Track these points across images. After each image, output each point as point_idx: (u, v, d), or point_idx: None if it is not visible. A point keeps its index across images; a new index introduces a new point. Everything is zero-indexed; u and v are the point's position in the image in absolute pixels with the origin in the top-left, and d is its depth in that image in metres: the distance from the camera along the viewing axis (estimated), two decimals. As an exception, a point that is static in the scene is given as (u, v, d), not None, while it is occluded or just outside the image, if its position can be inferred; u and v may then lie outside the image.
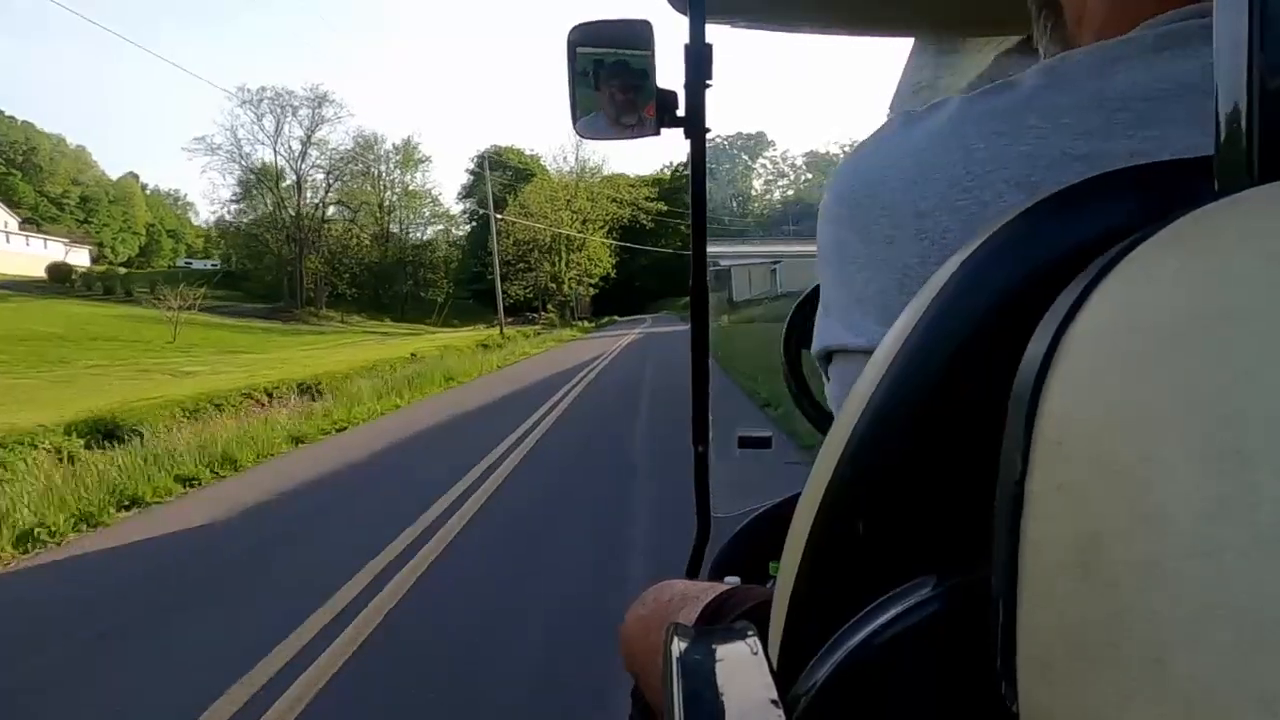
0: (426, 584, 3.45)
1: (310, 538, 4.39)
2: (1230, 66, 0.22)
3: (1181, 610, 0.17)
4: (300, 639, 2.89)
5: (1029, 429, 0.22)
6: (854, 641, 0.30)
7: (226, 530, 4.61)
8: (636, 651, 0.70)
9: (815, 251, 0.44)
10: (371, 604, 3.21)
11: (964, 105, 0.37)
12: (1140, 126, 0.32)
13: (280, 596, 3.39)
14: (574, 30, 0.95)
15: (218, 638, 2.98)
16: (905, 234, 0.37)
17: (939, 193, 0.36)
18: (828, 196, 0.43)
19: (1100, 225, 0.27)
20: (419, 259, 52.94)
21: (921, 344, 0.30)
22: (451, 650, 2.77)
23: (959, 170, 0.36)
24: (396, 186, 53.15)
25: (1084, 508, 0.20)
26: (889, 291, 0.39)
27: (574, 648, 2.71)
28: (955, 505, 0.29)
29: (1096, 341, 0.22)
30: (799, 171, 60.15)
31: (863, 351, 0.39)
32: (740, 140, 56.26)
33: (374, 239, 51.47)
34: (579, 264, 50.39)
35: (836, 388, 0.44)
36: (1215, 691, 0.16)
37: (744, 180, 58.20)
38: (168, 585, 3.65)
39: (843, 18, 1.02)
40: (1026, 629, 0.22)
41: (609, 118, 0.95)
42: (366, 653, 2.77)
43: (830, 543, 0.32)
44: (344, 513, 4.97)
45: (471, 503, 4.87)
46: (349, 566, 3.63)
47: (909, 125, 0.39)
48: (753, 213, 57.78)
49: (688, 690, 0.32)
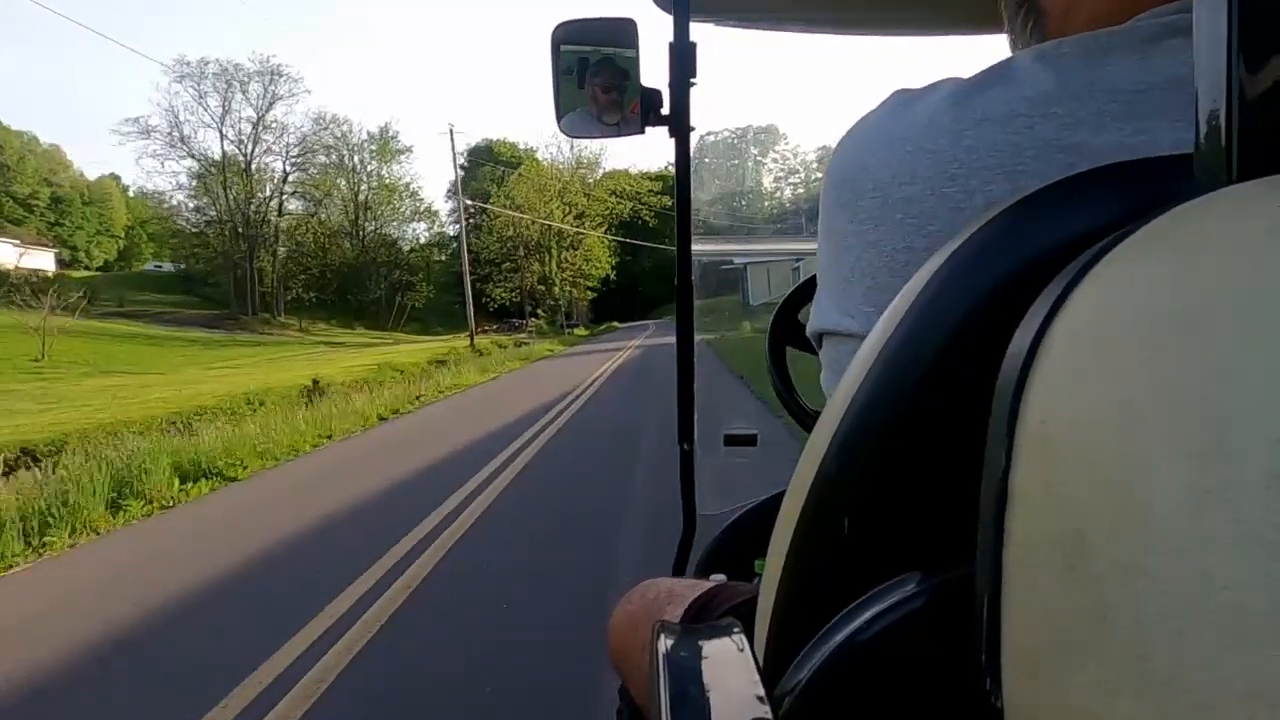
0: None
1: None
2: (1210, 64, 0.24)
3: (1164, 606, 0.18)
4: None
5: (1012, 426, 0.24)
6: (840, 638, 0.33)
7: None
8: (624, 649, 0.77)
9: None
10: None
11: (957, 90, 0.40)
12: (1129, 119, 0.35)
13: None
14: (558, 28, 1.05)
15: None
16: (891, 216, 0.40)
17: (926, 178, 0.39)
18: (827, 170, 0.46)
19: (1082, 223, 0.30)
20: (395, 259, 51.25)
21: (905, 342, 0.33)
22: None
23: (947, 156, 0.38)
24: (372, 179, 51.34)
25: (1067, 504, 0.21)
26: (878, 272, 0.41)
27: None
28: (939, 502, 0.32)
29: (1078, 339, 0.23)
30: (809, 169, 60.37)
31: (852, 335, 0.42)
32: (751, 134, 56.49)
33: (340, 235, 49.82)
34: (572, 264, 49.44)
35: (829, 373, 0.48)
36: (1198, 686, 0.17)
37: (754, 175, 58.42)
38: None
39: (827, 17, 1.13)
40: (1011, 625, 0.24)
41: (593, 116, 1.06)
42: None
43: (816, 539, 0.36)
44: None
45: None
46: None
47: (904, 106, 0.42)
48: (764, 210, 58.02)
49: (675, 687, 0.35)
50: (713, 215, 50.13)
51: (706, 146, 55.21)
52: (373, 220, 51.37)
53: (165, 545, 4.90)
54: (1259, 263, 0.19)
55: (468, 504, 5.17)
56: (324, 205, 49.67)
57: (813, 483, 0.36)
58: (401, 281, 50.65)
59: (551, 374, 16.42)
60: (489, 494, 5.42)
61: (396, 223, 53.24)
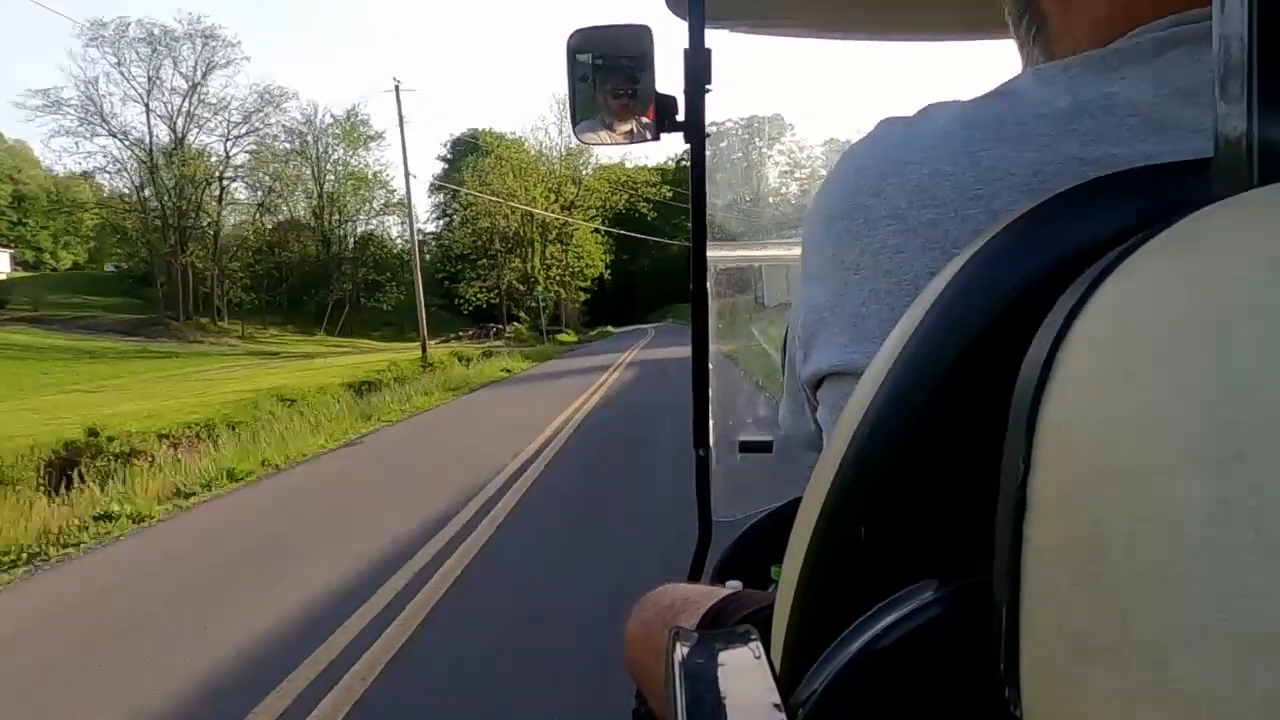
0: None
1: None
2: (1230, 69, 0.26)
3: (1184, 613, 0.19)
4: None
5: (1030, 432, 0.26)
6: (856, 645, 0.35)
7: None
8: (639, 655, 0.82)
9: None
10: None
11: (964, 112, 0.44)
12: (1151, 132, 0.39)
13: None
14: (573, 35, 1.16)
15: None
16: (912, 242, 0.43)
17: (948, 201, 0.42)
18: (820, 205, 0.49)
19: (1101, 228, 0.32)
20: (362, 256, 49.29)
21: (923, 348, 0.35)
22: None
23: (968, 178, 0.41)
24: (339, 167, 49.19)
25: (1086, 511, 0.23)
26: (896, 300, 0.43)
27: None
28: (957, 508, 0.34)
29: (1097, 345, 0.25)
30: (814, 163, 60.41)
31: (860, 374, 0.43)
32: (755, 125, 56.49)
33: (299, 229, 47.66)
34: (559, 260, 47.85)
35: (828, 412, 0.50)
36: (1218, 695, 0.18)
37: (758, 171, 58.48)
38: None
39: (841, 22, 1.25)
40: (1029, 632, 0.26)
41: (608, 122, 1.17)
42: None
43: (833, 546, 0.38)
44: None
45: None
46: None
47: (905, 132, 0.46)
48: (771, 208, 58.10)
49: (690, 694, 0.37)
50: (716, 211, 49.64)
51: (710, 138, 54.86)
52: (338, 213, 49.44)
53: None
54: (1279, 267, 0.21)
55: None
56: (280, 195, 47.61)
57: (829, 489, 0.38)
58: (368, 281, 48.86)
59: (470, 427, 11.28)
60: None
61: (365, 216, 51.46)
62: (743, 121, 53.40)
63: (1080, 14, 0.46)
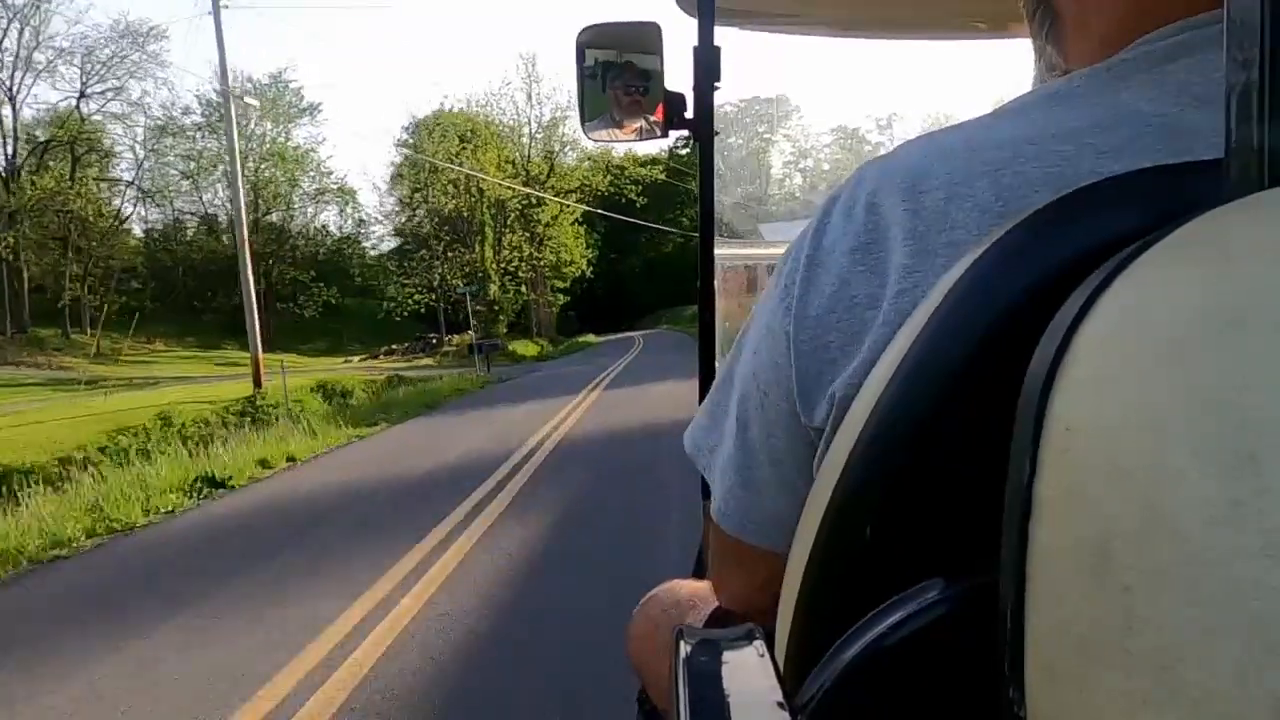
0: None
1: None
2: (1241, 69, 0.29)
3: (1192, 615, 0.22)
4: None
5: (1037, 432, 0.29)
6: (861, 645, 0.39)
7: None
8: (643, 652, 0.91)
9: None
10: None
11: (973, 135, 0.48)
12: (1166, 141, 0.43)
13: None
14: (583, 32, 1.32)
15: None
16: (932, 263, 0.46)
17: (966, 224, 0.46)
18: (834, 233, 0.52)
19: (1109, 229, 0.35)
20: (279, 253, 44.52)
21: (928, 348, 0.39)
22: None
23: (988, 196, 0.45)
24: (257, 142, 44.24)
25: (1094, 512, 0.26)
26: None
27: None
28: (963, 508, 0.37)
29: (1105, 345, 0.28)
30: (820, 151, 60.56)
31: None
32: (758, 105, 56.26)
33: (191, 215, 43.03)
34: (520, 250, 42.83)
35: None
36: (1225, 696, 0.21)
37: (762, 157, 58.51)
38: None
39: (850, 21, 1.41)
40: (1035, 633, 0.29)
41: (617, 119, 1.33)
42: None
43: (838, 545, 0.42)
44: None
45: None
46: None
47: (921, 155, 0.50)
48: (774, 197, 58.15)
49: (694, 693, 0.41)
50: (721, 203, 48.57)
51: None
52: (263, 201, 44.19)
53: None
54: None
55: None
56: (182, 173, 43.29)
57: (835, 488, 0.42)
58: (292, 281, 44.93)
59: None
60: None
61: (287, 204, 46.87)
62: (743, 104, 52.80)
63: (1094, 12, 0.52)
